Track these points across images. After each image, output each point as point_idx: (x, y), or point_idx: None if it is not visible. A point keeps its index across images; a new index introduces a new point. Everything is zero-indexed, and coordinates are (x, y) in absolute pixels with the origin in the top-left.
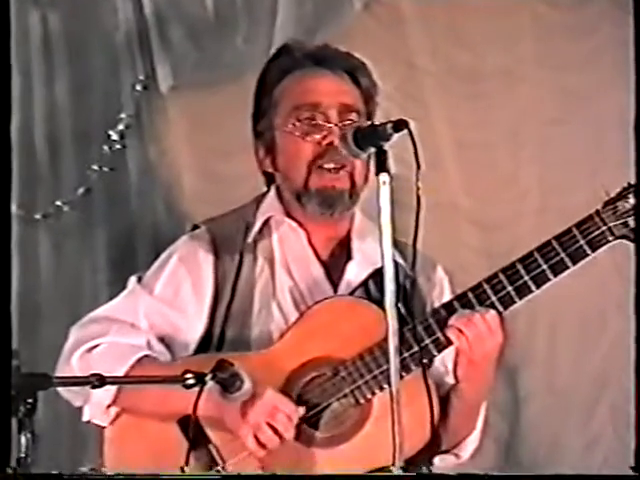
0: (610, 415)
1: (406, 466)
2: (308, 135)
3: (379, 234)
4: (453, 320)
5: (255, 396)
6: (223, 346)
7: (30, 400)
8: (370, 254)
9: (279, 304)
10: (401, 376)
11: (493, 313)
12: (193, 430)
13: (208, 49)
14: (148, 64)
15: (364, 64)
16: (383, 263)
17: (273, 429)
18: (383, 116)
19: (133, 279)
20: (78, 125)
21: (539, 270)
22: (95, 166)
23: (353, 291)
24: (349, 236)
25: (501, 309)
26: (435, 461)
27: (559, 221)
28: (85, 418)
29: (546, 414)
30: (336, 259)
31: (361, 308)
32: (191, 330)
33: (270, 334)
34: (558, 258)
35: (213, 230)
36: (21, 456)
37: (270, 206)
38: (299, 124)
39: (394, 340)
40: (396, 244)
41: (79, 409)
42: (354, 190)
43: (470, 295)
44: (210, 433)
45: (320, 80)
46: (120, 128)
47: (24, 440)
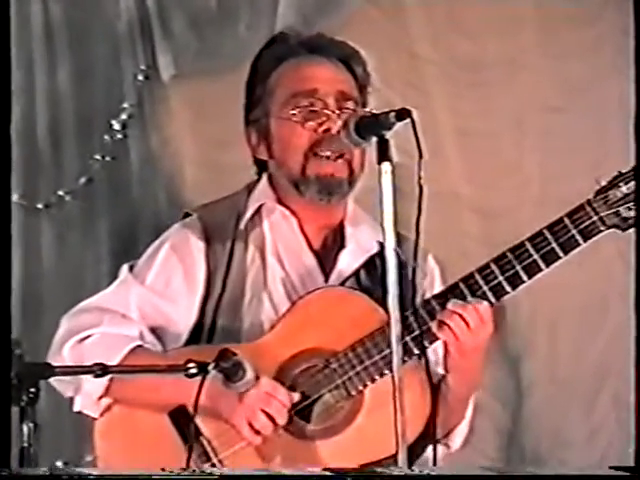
0: (612, 404)
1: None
2: (306, 122)
3: (381, 223)
4: (444, 312)
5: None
6: (214, 337)
7: (32, 389)
8: (363, 242)
9: (270, 294)
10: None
11: (485, 304)
12: (192, 421)
13: (210, 38)
14: (150, 53)
15: (358, 53)
16: (385, 252)
17: (267, 416)
18: (384, 105)
19: (125, 268)
20: (80, 114)
21: (530, 260)
22: (97, 156)
23: (345, 280)
24: (342, 224)
25: (493, 300)
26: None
27: (561, 209)
28: (76, 409)
29: (548, 404)
30: (328, 247)
31: (353, 299)
32: (182, 320)
33: (261, 324)
34: (549, 248)
35: (205, 218)
36: (23, 445)
37: (262, 193)
38: (296, 111)
39: (396, 328)
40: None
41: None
42: (352, 178)
43: (462, 285)
44: (202, 426)
45: (317, 67)
46: (122, 117)
47: (26, 429)
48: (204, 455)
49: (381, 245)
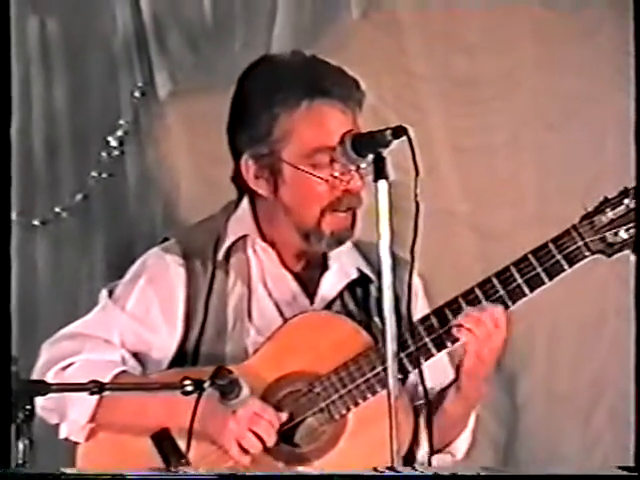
0: (608, 420)
1: None
2: (330, 182)
3: (377, 240)
4: (462, 318)
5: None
6: (197, 362)
7: (28, 406)
8: (345, 265)
9: (253, 319)
10: (374, 391)
11: (500, 309)
12: (175, 442)
13: (206, 55)
14: (146, 70)
15: (359, 85)
16: (381, 270)
17: (256, 436)
18: (381, 122)
19: (104, 293)
20: (76, 131)
21: (514, 285)
22: (93, 172)
23: (330, 303)
24: None
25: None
26: (432, 461)
27: (557, 227)
28: (62, 435)
29: (544, 421)
30: (311, 272)
31: (336, 322)
32: (164, 347)
33: (245, 349)
34: (534, 273)
35: (184, 243)
36: (19, 462)
37: (244, 224)
38: (319, 170)
39: (392, 345)
40: (360, 248)
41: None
42: (354, 224)
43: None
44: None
45: (334, 118)
46: (118, 134)
47: (22, 446)
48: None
49: (360, 272)
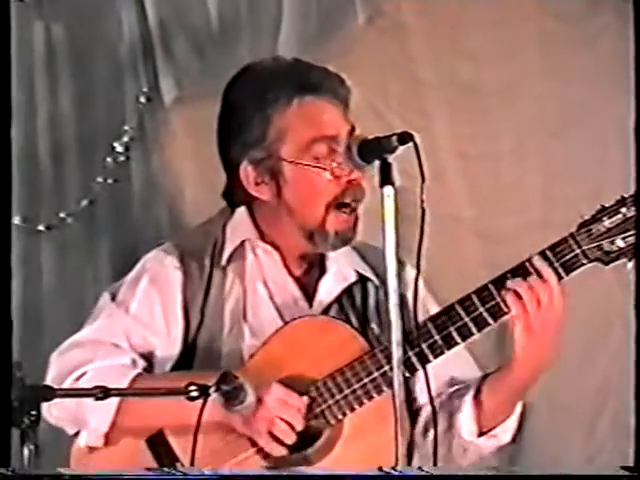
0: (611, 428)
1: None
2: (332, 174)
3: (383, 246)
4: (511, 284)
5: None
6: (193, 365)
7: (34, 412)
8: (343, 269)
9: (250, 323)
10: (371, 397)
11: (556, 280)
12: (169, 446)
13: (211, 60)
14: (152, 76)
15: (344, 81)
16: (387, 277)
17: (286, 423)
18: (386, 128)
19: (106, 297)
20: (82, 137)
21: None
22: (99, 178)
23: (327, 307)
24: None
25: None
26: (479, 441)
27: (562, 232)
28: (82, 444)
29: (548, 428)
30: (310, 275)
31: (333, 327)
32: (168, 349)
33: (241, 353)
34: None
35: (182, 246)
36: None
37: (244, 229)
38: (319, 161)
39: (398, 351)
40: (358, 250)
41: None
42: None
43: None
44: (178, 451)
45: (326, 111)
46: (124, 140)
47: (27, 452)
48: None
49: (359, 274)
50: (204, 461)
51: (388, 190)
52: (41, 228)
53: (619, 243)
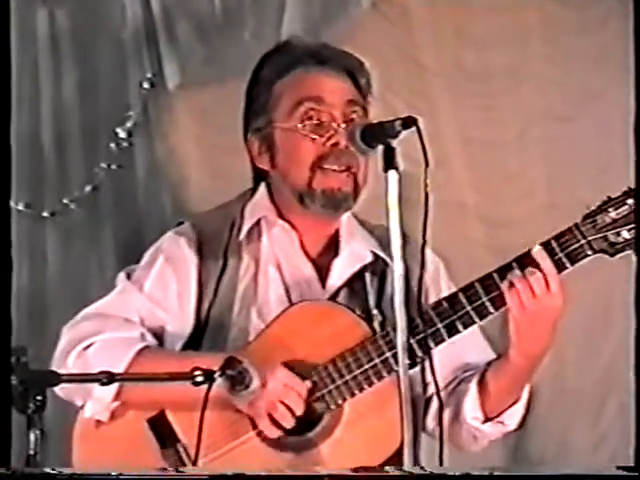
0: (618, 413)
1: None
2: (312, 134)
3: (387, 231)
4: (514, 276)
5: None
6: (202, 345)
7: (39, 397)
8: (356, 251)
9: (260, 305)
10: (371, 382)
11: (555, 274)
12: (171, 426)
13: (215, 46)
14: (155, 61)
15: (363, 64)
16: (393, 262)
17: (286, 407)
18: (390, 113)
19: (122, 276)
20: (85, 123)
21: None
22: (103, 164)
23: (338, 290)
24: (337, 233)
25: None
26: (484, 427)
27: (567, 218)
28: (87, 415)
29: (554, 413)
30: (324, 257)
31: (336, 313)
32: (179, 328)
33: (248, 334)
34: None
35: (199, 227)
36: (30, 453)
37: (261, 206)
38: (302, 123)
39: (402, 337)
40: (374, 234)
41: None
42: (356, 191)
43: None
44: (180, 432)
45: (324, 78)
46: (127, 126)
47: (33, 437)
48: (179, 461)
49: (375, 254)
50: (205, 442)
51: (392, 175)
52: (45, 214)
53: (625, 234)
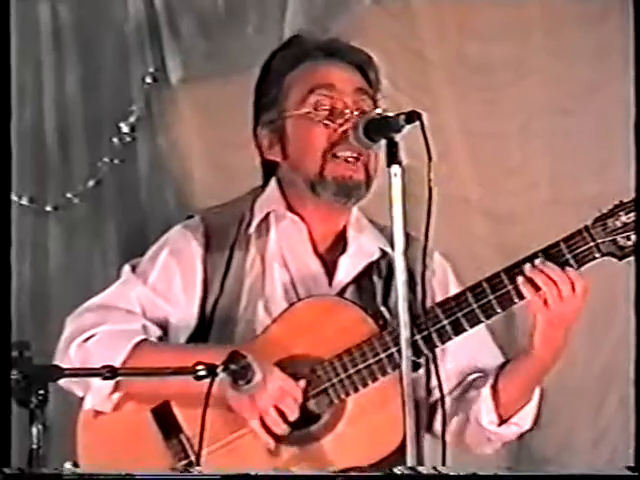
0: (618, 409)
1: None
2: (324, 121)
3: (390, 226)
4: (535, 272)
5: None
6: (209, 338)
7: (41, 391)
8: (364, 248)
9: (267, 300)
10: (375, 378)
11: (577, 273)
12: (175, 417)
13: (218, 41)
14: (158, 56)
15: (372, 59)
16: (395, 256)
17: (280, 412)
18: (393, 107)
19: (127, 268)
20: (88, 117)
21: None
22: (106, 158)
23: (345, 286)
24: (345, 229)
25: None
26: (500, 430)
27: (570, 212)
28: (87, 406)
29: (556, 410)
30: (332, 253)
31: (343, 309)
32: (184, 321)
33: (254, 329)
34: None
35: (207, 221)
36: (32, 447)
37: (271, 200)
38: (314, 110)
39: (405, 331)
40: (383, 233)
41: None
42: (369, 181)
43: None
44: (183, 423)
45: (334, 68)
46: (130, 120)
47: (36, 431)
48: (182, 452)
49: (383, 251)
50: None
51: (395, 169)
52: (48, 209)
53: (634, 238)
